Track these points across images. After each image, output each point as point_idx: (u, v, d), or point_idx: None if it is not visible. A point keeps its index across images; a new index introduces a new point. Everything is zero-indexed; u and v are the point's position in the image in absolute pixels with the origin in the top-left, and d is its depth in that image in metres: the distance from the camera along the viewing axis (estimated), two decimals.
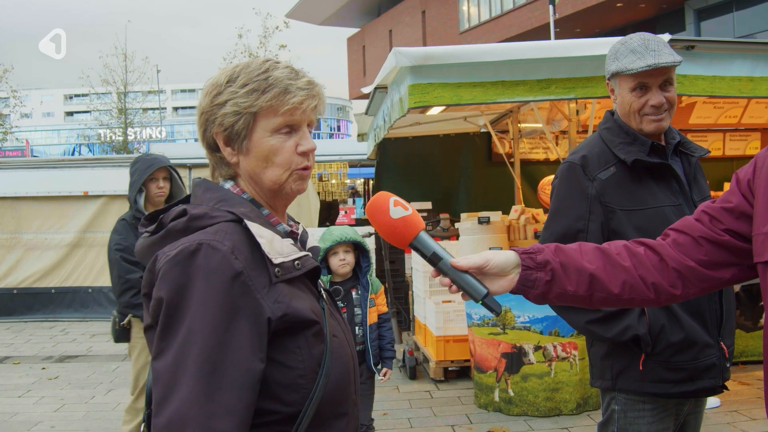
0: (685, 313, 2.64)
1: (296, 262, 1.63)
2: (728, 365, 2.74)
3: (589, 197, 2.74)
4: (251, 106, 1.65)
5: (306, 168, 1.73)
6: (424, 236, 1.79)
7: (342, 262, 4.59)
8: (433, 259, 1.79)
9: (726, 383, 2.77)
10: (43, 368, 8.75)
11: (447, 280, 1.79)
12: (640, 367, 2.66)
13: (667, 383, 2.66)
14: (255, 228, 1.57)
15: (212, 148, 1.73)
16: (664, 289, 1.86)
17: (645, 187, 2.75)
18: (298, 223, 1.87)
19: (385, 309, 4.84)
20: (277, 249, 1.59)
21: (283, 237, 1.67)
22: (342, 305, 4.57)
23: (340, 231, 4.63)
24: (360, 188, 21.54)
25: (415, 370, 7.69)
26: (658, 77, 2.70)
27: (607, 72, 2.83)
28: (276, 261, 1.57)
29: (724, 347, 2.72)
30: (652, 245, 1.91)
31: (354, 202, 21.91)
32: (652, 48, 2.66)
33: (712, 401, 6.26)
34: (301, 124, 1.71)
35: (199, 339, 1.43)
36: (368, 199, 17.55)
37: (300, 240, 1.82)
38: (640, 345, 2.64)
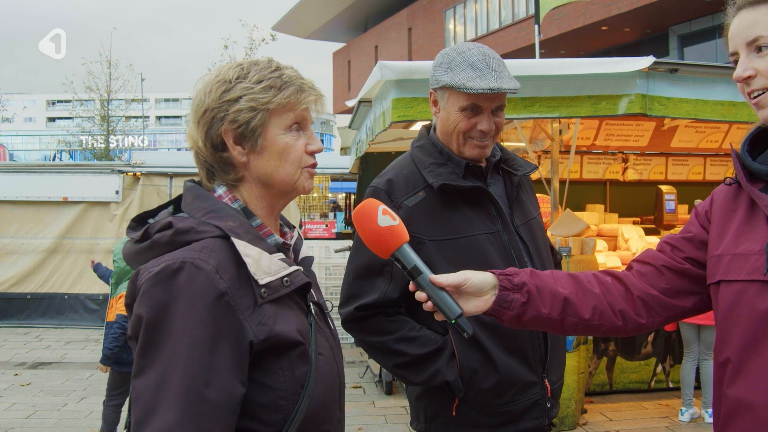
0: (503, 352, 2.42)
1: (285, 279, 1.58)
2: (552, 404, 2.54)
3: None
4: (269, 102, 1.63)
5: (314, 165, 1.74)
6: (407, 249, 1.78)
7: None
8: (413, 273, 1.78)
9: (554, 420, 2.59)
10: (16, 374, 8.64)
11: (424, 296, 1.78)
12: (453, 413, 2.44)
13: (483, 427, 2.45)
14: (242, 246, 1.53)
15: (217, 147, 1.66)
16: (630, 317, 1.90)
17: (458, 214, 2.48)
18: (293, 228, 1.84)
19: None
20: (264, 268, 1.55)
21: (273, 252, 1.62)
22: None
23: None
24: (341, 203, 21.55)
25: (391, 385, 7.66)
26: (494, 101, 2.43)
27: (434, 80, 2.50)
28: (262, 282, 1.53)
29: (548, 385, 2.52)
30: (618, 275, 1.97)
31: (335, 216, 21.90)
32: (493, 67, 2.38)
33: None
34: (309, 123, 1.73)
35: (182, 361, 1.40)
36: (349, 213, 17.54)
37: (294, 249, 1.79)
38: (453, 390, 2.42)
